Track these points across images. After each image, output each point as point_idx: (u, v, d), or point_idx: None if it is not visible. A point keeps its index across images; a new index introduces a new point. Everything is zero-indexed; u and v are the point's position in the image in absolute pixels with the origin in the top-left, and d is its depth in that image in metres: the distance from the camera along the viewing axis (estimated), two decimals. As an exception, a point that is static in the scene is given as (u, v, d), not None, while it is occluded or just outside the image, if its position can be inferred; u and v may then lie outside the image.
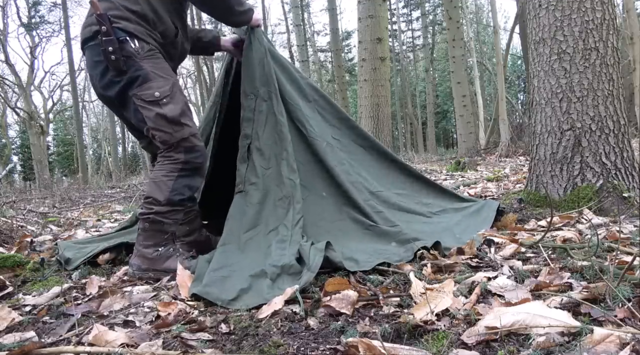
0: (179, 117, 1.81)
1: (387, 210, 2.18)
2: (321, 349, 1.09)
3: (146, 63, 1.78)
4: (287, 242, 1.80)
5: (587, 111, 2.48)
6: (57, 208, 5.36)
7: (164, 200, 1.80)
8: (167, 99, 1.79)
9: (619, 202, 2.37)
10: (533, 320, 1.05)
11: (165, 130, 1.80)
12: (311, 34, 28.14)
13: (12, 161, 9.75)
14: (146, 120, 1.81)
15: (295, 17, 15.46)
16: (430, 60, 27.73)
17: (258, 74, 2.16)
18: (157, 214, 1.81)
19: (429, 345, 1.04)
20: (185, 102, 1.88)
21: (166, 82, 1.81)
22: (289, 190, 1.99)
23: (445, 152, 17.35)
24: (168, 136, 1.81)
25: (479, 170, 6.41)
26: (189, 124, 1.84)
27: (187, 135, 1.82)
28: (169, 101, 1.80)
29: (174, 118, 1.80)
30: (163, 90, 1.79)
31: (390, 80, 7.71)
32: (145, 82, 1.77)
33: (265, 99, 2.16)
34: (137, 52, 1.77)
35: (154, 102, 1.78)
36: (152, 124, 1.80)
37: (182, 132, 1.82)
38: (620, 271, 1.27)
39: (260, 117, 2.13)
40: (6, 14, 23.30)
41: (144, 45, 1.79)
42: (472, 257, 1.75)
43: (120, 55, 1.74)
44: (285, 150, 2.08)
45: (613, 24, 2.54)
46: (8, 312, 1.41)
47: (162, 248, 1.83)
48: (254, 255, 1.77)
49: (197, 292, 1.48)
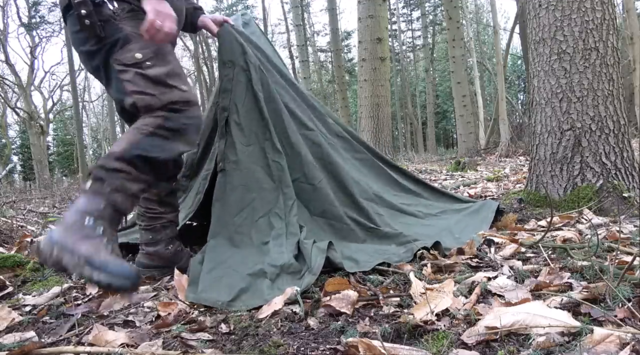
0: (165, 78, 1.50)
1: (387, 213, 2.18)
2: (321, 349, 1.09)
3: (126, 24, 1.52)
4: (283, 236, 1.77)
5: (587, 111, 2.48)
6: (57, 208, 5.36)
7: (118, 152, 1.40)
8: (151, 61, 1.50)
9: (619, 202, 2.37)
10: (533, 320, 1.05)
11: (149, 91, 1.48)
12: (311, 34, 28.15)
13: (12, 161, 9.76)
14: (125, 85, 1.50)
15: (295, 17, 15.46)
16: (430, 60, 27.72)
17: (237, 45, 2.02)
18: (101, 169, 1.38)
19: (429, 345, 1.04)
20: (178, 65, 1.59)
21: (150, 43, 1.51)
22: (275, 174, 1.91)
23: (445, 152, 17.35)
24: (153, 100, 1.48)
25: (479, 170, 6.41)
26: (181, 87, 1.53)
27: (176, 98, 1.50)
28: (153, 64, 1.50)
29: (158, 78, 1.50)
30: (146, 51, 1.50)
31: (390, 80, 7.71)
32: (126, 44, 1.50)
33: (244, 69, 2.01)
34: (116, 14, 1.51)
35: (136, 64, 1.49)
36: (133, 86, 1.49)
37: (170, 95, 1.50)
38: (620, 271, 1.27)
39: (239, 88, 1.99)
40: (6, 14, 23.33)
41: (124, 6, 1.53)
42: (472, 257, 1.75)
43: (95, 20, 1.48)
44: (268, 130, 1.98)
45: (613, 24, 2.54)
46: (8, 312, 1.41)
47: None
48: (248, 251, 1.74)
49: (193, 300, 1.45)
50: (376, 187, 2.36)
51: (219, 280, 1.55)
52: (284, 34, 27.83)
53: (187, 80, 1.60)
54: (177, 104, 1.50)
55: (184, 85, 1.55)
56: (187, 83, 1.58)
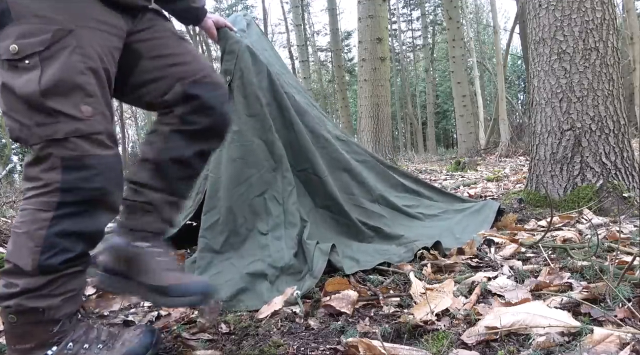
0: (41, 97, 0.92)
1: (389, 215, 2.17)
2: (321, 349, 1.09)
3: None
4: (281, 227, 1.74)
5: (587, 111, 2.48)
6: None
7: (31, 268, 0.94)
8: (31, 60, 0.92)
9: (619, 202, 2.37)
10: (533, 320, 1.05)
11: (16, 117, 0.94)
12: (311, 34, 28.14)
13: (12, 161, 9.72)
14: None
15: (295, 17, 15.46)
16: (430, 60, 27.71)
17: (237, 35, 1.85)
18: (24, 296, 0.94)
19: (429, 345, 1.04)
20: (82, 71, 0.95)
21: (45, 27, 0.93)
22: (277, 153, 1.83)
23: (445, 152, 17.36)
24: (23, 131, 0.95)
25: (479, 170, 6.41)
26: (74, 114, 0.94)
27: (61, 134, 0.93)
28: (34, 65, 0.92)
29: (30, 96, 0.92)
30: (30, 41, 0.92)
31: (390, 80, 7.71)
32: (6, 24, 0.93)
33: (249, 45, 1.87)
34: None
35: (8, 62, 0.93)
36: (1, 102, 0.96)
37: (51, 128, 0.93)
38: (620, 271, 1.27)
39: (245, 56, 1.83)
40: (6, 14, 23.20)
41: None
42: (472, 257, 1.75)
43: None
44: (275, 102, 1.87)
45: (613, 24, 2.54)
46: (8, 312, 1.40)
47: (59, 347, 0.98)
48: (244, 237, 1.70)
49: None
50: (380, 187, 2.36)
51: (218, 277, 1.53)
52: (284, 34, 27.89)
53: (96, 99, 0.97)
54: (64, 147, 0.94)
55: (78, 107, 0.94)
56: (95, 102, 0.97)
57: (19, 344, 0.97)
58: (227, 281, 1.52)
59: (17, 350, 0.98)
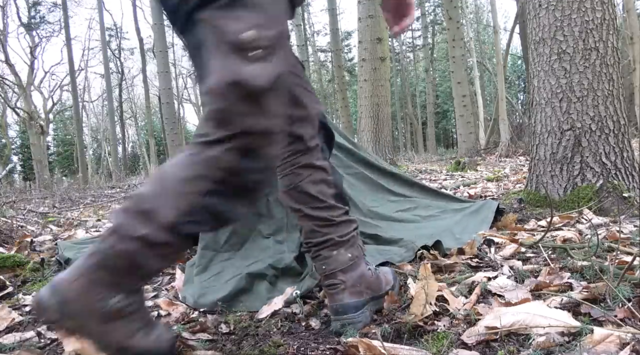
0: (273, 93, 0.87)
1: (384, 225, 2.16)
2: (321, 349, 1.09)
3: None
4: (283, 230, 1.74)
5: (587, 111, 2.48)
6: (57, 208, 5.36)
7: (166, 221, 0.85)
8: (261, 52, 0.85)
9: (619, 202, 2.37)
10: (533, 320, 1.05)
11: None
12: (311, 34, 28.15)
13: (12, 161, 9.73)
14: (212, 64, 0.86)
15: (295, 17, 15.48)
16: (430, 60, 27.72)
17: None
18: (142, 242, 0.85)
19: (429, 345, 1.04)
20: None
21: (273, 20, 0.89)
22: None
23: (445, 152, 17.36)
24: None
25: (479, 170, 6.41)
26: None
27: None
28: (263, 56, 0.85)
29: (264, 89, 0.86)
30: (262, 34, 0.85)
31: (390, 80, 7.71)
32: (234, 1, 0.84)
33: None
34: None
35: (237, 49, 0.84)
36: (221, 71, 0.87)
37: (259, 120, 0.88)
38: (620, 271, 1.27)
39: None
40: (6, 14, 23.30)
41: None
42: (472, 257, 1.75)
43: None
44: None
45: (613, 24, 2.54)
46: (8, 312, 1.41)
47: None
48: (249, 247, 1.71)
49: (193, 305, 1.44)
50: (369, 201, 2.31)
51: (218, 277, 1.54)
52: (284, 34, 27.76)
53: None
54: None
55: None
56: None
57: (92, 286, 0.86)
58: (227, 281, 1.52)
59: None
